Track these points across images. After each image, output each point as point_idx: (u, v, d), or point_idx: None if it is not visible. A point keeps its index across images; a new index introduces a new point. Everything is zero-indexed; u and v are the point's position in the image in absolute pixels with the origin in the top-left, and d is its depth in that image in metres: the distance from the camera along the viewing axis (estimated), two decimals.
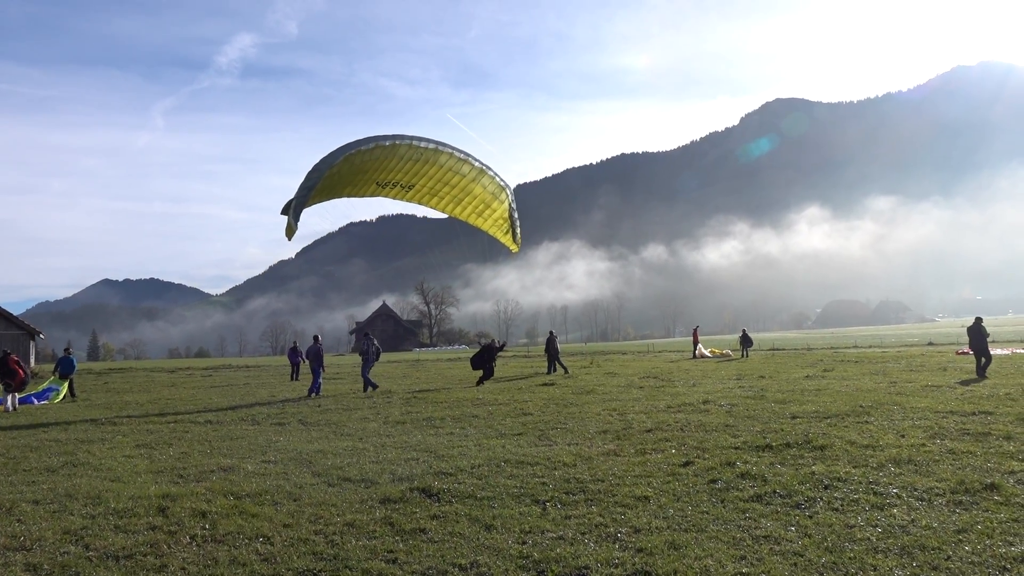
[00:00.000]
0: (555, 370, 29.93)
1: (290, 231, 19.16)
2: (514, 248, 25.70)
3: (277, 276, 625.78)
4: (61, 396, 23.92)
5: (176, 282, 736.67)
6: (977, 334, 22.48)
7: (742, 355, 41.86)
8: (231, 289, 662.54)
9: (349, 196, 22.42)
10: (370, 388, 23.22)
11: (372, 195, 22.73)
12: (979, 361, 22.11)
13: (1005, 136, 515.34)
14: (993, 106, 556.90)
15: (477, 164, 22.57)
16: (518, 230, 25.08)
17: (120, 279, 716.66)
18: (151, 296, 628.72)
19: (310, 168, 19.29)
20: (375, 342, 24.89)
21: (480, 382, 24.63)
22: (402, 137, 20.78)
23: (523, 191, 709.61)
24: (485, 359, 25.42)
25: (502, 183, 23.52)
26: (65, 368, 24.83)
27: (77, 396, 24.75)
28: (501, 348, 27.59)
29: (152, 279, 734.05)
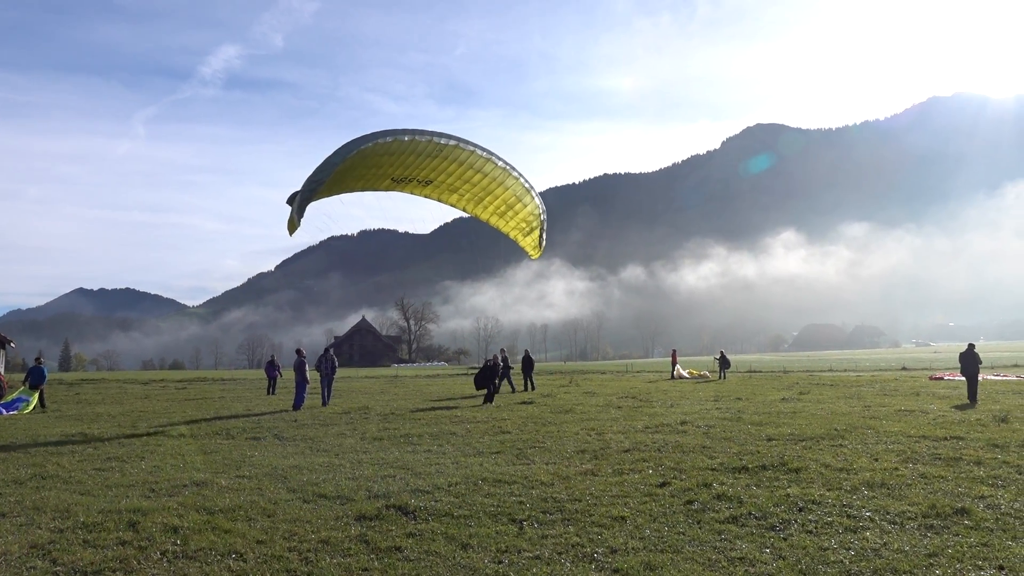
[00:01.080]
0: (530, 387, 30.01)
1: (292, 226, 18.36)
2: (534, 254, 24.60)
3: (255, 289, 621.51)
4: (31, 407, 23.51)
5: (152, 292, 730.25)
6: (970, 359, 22.75)
7: (720, 376, 42.08)
8: (208, 301, 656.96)
9: (362, 190, 21.54)
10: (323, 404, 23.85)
11: (386, 189, 21.87)
12: (971, 386, 22.35)
13: (975, 166, 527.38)
14: (965, 137, 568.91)
15: (501, 164, 21.74)
16: (543, 236, 24.06)
17: (95, 288, 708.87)
18: (126, 306, 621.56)
19: (321, 161, 18.49)
20: (330, 352, 25.59)
21: (487, 400, 23.49)
22: (422, 132, 19.88)
23: None
24: (488, 377, 23.86)
25: (527, 185, 22.63)
26: (35, 378, 24.43)
27: (47, 407, 24.35)
28: (504, 369, 25.78)
29: (128, 289, 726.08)
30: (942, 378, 37.24)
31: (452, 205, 22.96)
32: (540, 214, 23.23)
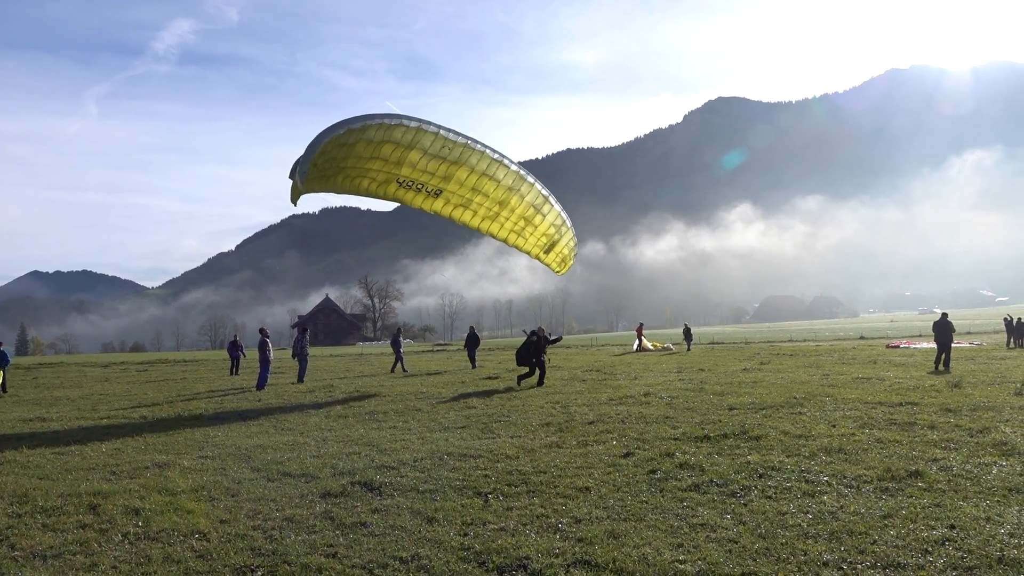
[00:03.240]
0: (473, 365, 29.68)
1: (295, 193, 16.86)
2: (559, 270, 22.42)
3: (216, 269, 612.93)
4: None
5: (110, 274, 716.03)
6: (943, 328, 23.34)
7: (687, 348, 42.72)
8: (168, 282, 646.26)
9: (367, 192, 18.94)
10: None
11: (393, 198, 19.40)
12: (941, 354, 22.93)
13: (926, 139, 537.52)
14: (920, 109, 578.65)
15: (514, 168, 19.17)
16: (572, 247, 21.80)
17: (50, 271, 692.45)
18: (82, 289, 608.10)
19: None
20: (307, 335, 25.99)
21: (521, 380, 20.65)
22: (428, 124, 17.47)
23: None
24: (532, 352, 21.01)
25: (544, 192, 20.15)
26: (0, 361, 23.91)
27: (7, 391, 23.82)
28: (555, 341, 22.57)
29: (84, 271, 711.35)
30: (898, 346, 38.23)
31: (465, 223, 20.62)
32: (563, 223, 21.06)
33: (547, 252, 21.60)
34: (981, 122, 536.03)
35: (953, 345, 24.87)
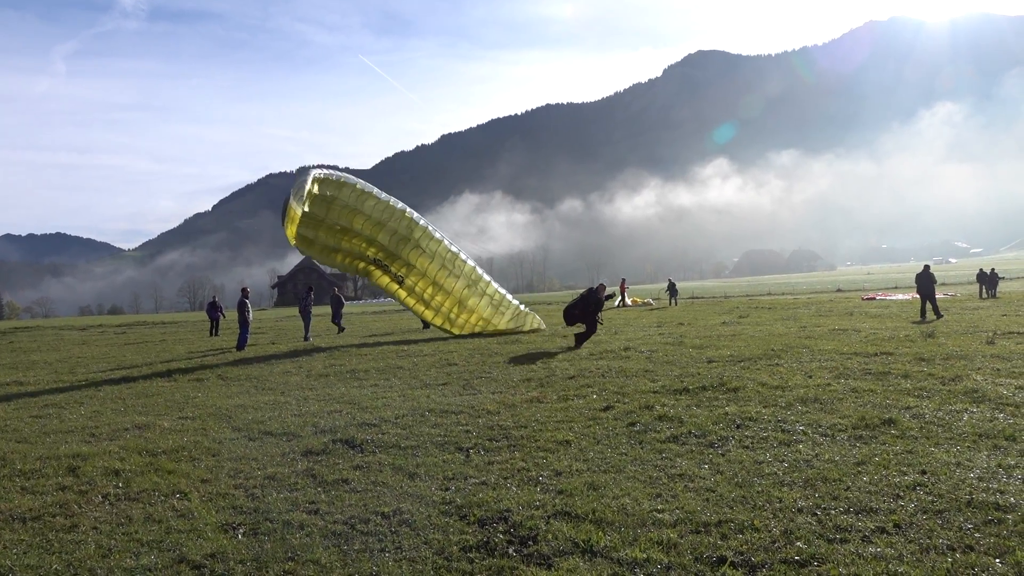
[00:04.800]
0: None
1: (291, 226, 18.45)
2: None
3: (192, 229, 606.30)
4: None
5: (84, 236, 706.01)
6: (925, 279, 23.71)
7: (671, 303, 43.04)
8: (144, 244, 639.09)
9: (342, 266, 21.37)
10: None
11: (373, 277, 21.82)
12: (924, 305, 23.40)
13: (899, 92, 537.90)
14: (896, 62, 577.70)
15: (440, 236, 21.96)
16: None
17: (23, 234, 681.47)
18: (56, 251, 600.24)
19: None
20: (311, 296, 26.89)
21: (580, 342, 18.65)
22: (368, 188, 20.15)
23: (446, 142, 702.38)
24: (588, 310, 19.09)
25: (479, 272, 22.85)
26: None
27: None
28: (609, 297, 20.67)
29: (58, 233, 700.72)
30: (874, 298, 38.71)
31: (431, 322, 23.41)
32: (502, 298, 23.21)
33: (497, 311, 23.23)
34: (953, 74, 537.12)
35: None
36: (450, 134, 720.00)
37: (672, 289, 44.78)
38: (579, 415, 9.61)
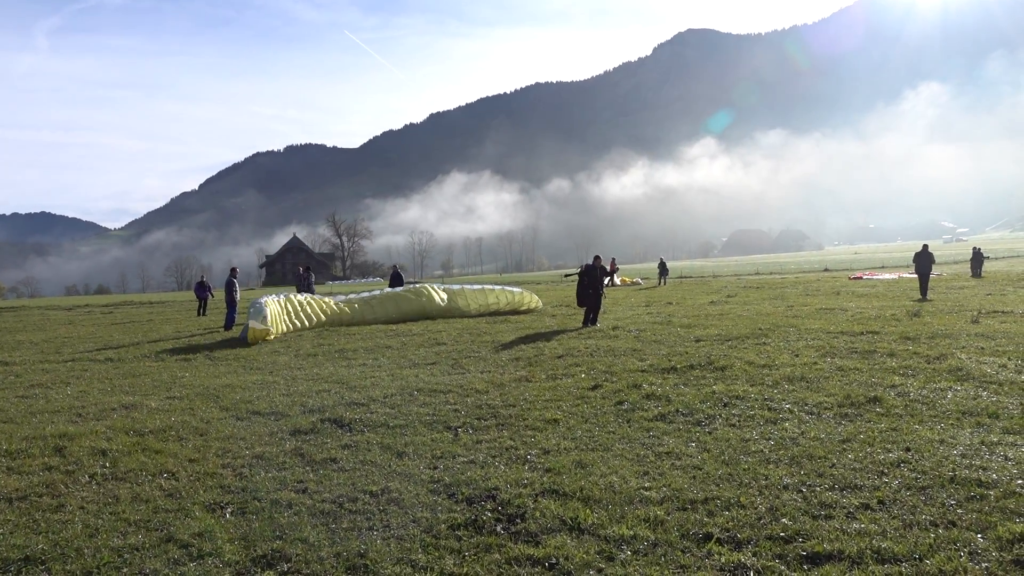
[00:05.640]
0: None
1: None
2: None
3: (179, 209, 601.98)
4: None
5: (70, 216, 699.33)
6: (924, 259, 23.97)
7: (661, 283, 43.18)
8: (130, 223, 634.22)
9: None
10: None
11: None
12: (923, 283, 23.76)
13: (886, 71, 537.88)
14: (886, 41, 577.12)
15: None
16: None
17: (7, 213, 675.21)
18: (41, 231, 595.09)
19: None
20: (311, 275, 27.82)
21: (587, 322, 18.18)
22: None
23: (434, 121, 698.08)
24: (590, 288, 18.18)
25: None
26: None
27: None
28: (610, 273, 18.89)
29: (43, 213, 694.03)
30: (861, 277, 38.90)
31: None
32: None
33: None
34: (940, 54, 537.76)
35: (915, 276, 25.54)
36: (438, 113, 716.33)
37: (663, 268, 44.96)
38: (567, 394, 9.64)
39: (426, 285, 24.26)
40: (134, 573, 4.68)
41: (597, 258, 19.59)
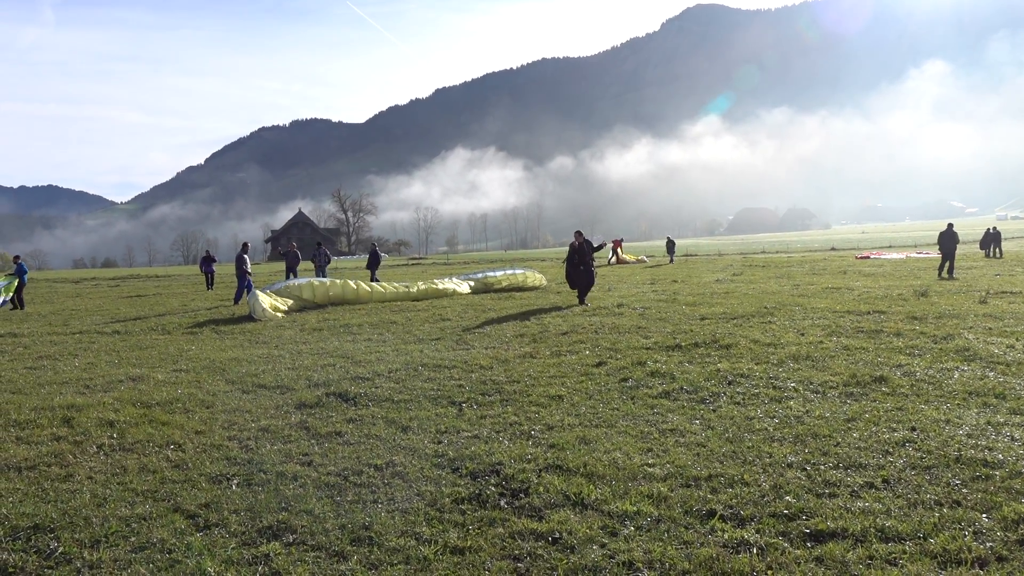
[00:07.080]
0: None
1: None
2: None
3: (185, 183, 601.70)
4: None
5: (77, 189, 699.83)
6: (948, 238, 23.97)
7: (670, 260, 43.24)
8: (136, 196, 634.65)
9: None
10: None
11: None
12: (944, 263, 23.80)
13: (895, 49, 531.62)
14: (897, 16, 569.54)
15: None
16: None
17: (14, 186, 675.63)
18: (48, 204, 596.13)
19: None
20: (323, 248, 28.38)
21: (582, 296, 18.12)
22: None
23: (439, 96, 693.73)
24: (581, 265, 17.99)
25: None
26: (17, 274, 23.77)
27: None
28: (597, 248, 19.18)
29: (49, 186, 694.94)
30: (868, 257, 38.76)
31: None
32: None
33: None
34: (944, 33, 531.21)
35: (922, 256, 25.41)
36: (444, 88, 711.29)
37: (671, 246, 45.11)
38: (571, 371, 9.65)
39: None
40: (141, 542, 4.72)
41: (578, 233, 18.70)
